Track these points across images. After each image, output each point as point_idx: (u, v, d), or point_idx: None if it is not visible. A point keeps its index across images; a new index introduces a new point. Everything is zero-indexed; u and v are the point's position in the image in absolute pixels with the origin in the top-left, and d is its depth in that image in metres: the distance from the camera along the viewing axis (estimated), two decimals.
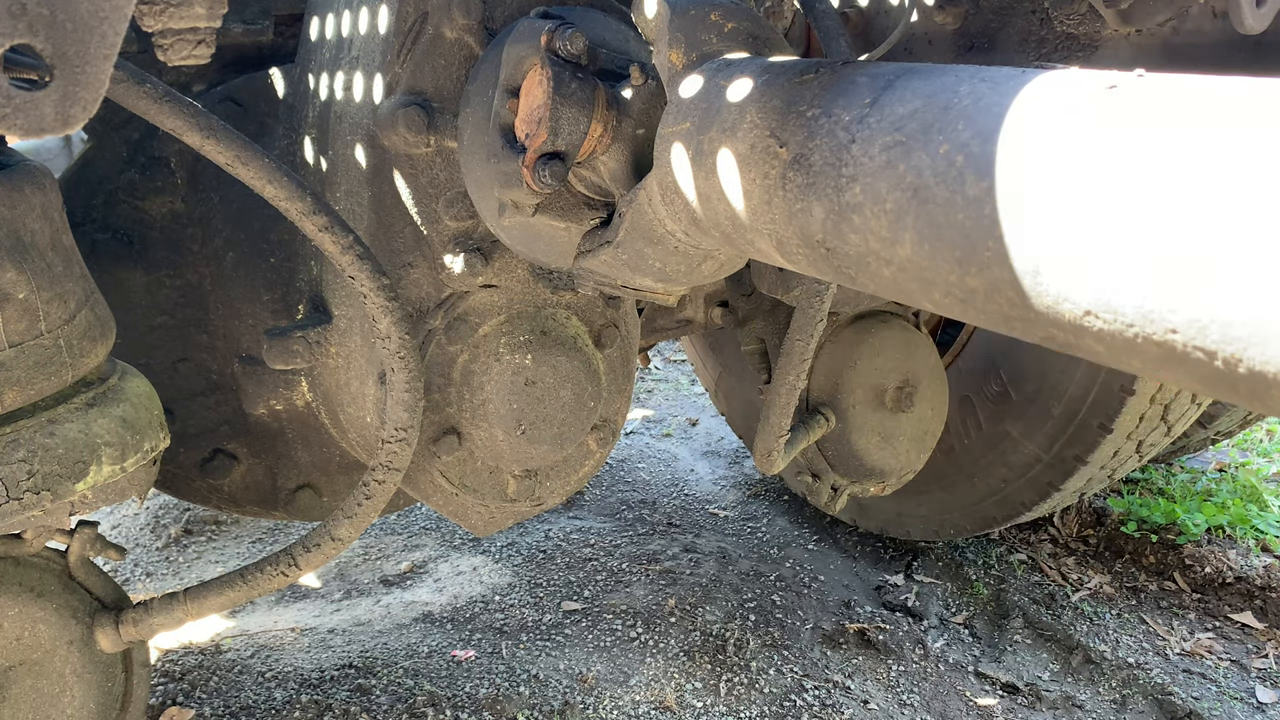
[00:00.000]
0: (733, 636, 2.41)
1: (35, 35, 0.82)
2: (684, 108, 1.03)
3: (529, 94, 1.21)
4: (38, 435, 1.18)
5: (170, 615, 1.44)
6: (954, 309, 0.78)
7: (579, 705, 2.14)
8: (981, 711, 2.29)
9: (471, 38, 1.38)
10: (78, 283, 1.25)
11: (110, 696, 1.44)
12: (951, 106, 0.76)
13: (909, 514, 2.84)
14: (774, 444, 1.81)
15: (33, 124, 0.84)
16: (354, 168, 1.47)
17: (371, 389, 1.52)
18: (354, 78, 1.46)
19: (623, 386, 1.74)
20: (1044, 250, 0.65)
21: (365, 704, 2.07)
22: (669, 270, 1.18)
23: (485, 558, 2.82)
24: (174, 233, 1.70)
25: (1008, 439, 2.44)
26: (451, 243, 1.47)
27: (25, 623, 1.34)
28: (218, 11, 1.11)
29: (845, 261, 0.86)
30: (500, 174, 1.25)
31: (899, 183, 0.77)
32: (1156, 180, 0.59)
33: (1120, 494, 3.18)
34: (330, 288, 1.59)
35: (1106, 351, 0.64)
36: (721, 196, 0.98)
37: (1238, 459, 3.52)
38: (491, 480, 1.65)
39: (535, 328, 1.57)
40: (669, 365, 4.82)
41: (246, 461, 1.81)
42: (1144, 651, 2.54)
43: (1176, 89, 0.63)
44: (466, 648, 2.34)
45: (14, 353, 1.15)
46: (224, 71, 1.73)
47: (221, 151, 1.19)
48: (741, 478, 3.47)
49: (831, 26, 1.44)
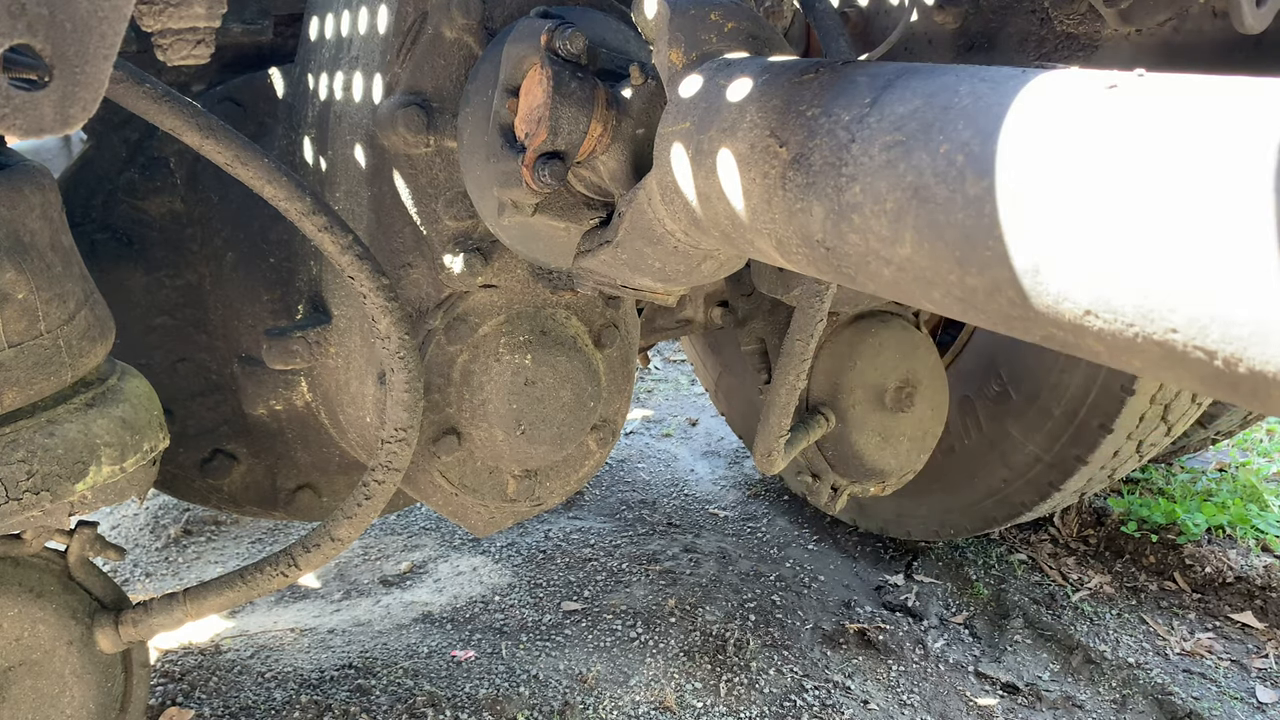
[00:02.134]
0: (733, 636, 2.41)
1: (35, 35, 0.82)
2: (684, 107, 1.03)
3: (529, 93, 1.21)
4: (37, 435, 1.18)
5: (170, 616, 1.43)
6: (954, 309, 0.78)
7: (579, 705, 2.14)
8: (981, 711, 2.29)
9: (471, 38, 1.38)
10: (77, 283, 1.25)
11: (110, 697, 1.44)
12: (951, 106, 0.76)
13: (909, 514, 2.84)
14: (774, 444, 1.81)
15: (32, 124, 0.84)
16: (353, 168, 1.47)
17: (371, 389, 1.52)
18: (353, 77, 1.46)
19: (623, 386, 1.74)
20: (1044, 250, 0.65)
21: (365, 704, 2.07)
22: (669, 270, 1.18)
23: (485, 558, 2.82)
24: (173, 233, 1.69)
25: (1008, 439, 2.44)
26: (451, 243, 1.47)
27: (25, 623, 1.34)
28: (217, 11, 1.11)
29: (845, 261, 0.86)
30: (500, 173, 1.25)
31: (899, 182, 0.77)
32: (1157, 180, 0.59)
33: (1120, 494, 3.18)
34: (330, 288, 1.59)
35: (1106, 351, 0.64)
36: (721, 196, 0.98)
37: (1238, 459, 3.52)
38: (491, 480, 1.65)
39: (535, 328, 1.57)
40: (669, 365, 4.82)
41: (246, 461, 1.81)
42: (1144, 651, 2.54)
43: (1176, 89, 0.63)
44: (466, 648, 2.34)
45: (14, 353, 1.14)
46: (224, 71, 1.73)
47: (221, 151, 1.19)
48: (741, 478, 3.47)
49: (831, 26, 1.44)
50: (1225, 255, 0.55)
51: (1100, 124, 0.64)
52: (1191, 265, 0.56)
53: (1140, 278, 0.59)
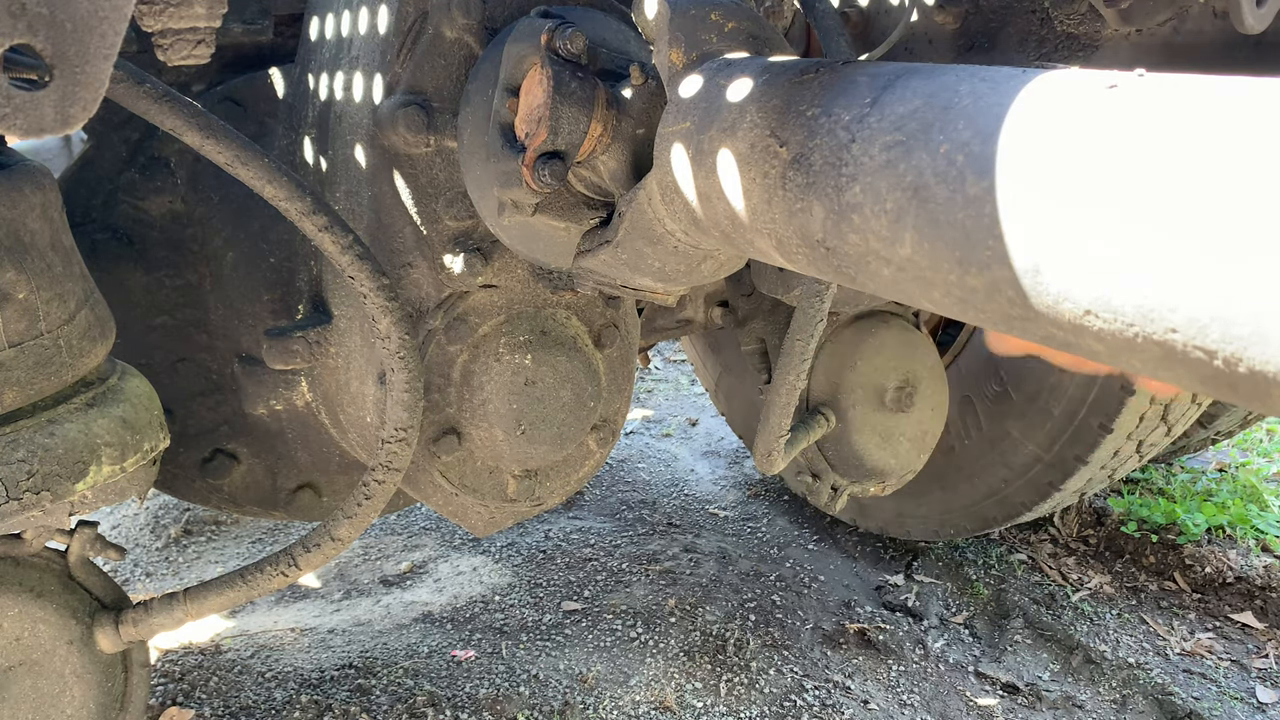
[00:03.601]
0: (733, 636, 2.41)
1: (35, 35, 0.82)
2: (684, 107, 1.03)
3: (529, 93, 1.21)
4: (37, 435, 1.18)
5: (170, 615, 1.44)
6: (954, 309, 0.78)
7: (579, 705, 2.14)
8: (981, 711, 2.29)
9: (471, 37, 1.38)
10: (77, 283, 1.25)
11: (110, 696, 1.44)
12: (951, 106, 0.76)
13: (909, 514, 2.84)
14: (774, 444, 1.81)
15: (33, 124, 0.84)
16: (354, 168, 1.47)
17: (371, 389, 1.52)
18: (354, 77, 1.46)
19: (623, 386, 1.74)
20: (1044, 250, 0.65)
21: (365, 704, 2.07)
22: (669, 270, 1.18)
23: (485, 558, 2.82)
24: (174, 233, 1.69)
25: (1008, 439, 2.44)
26: (451, 243, 1.47)
27: (25, 623, 1.34)
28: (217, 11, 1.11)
29: (845, 261, 0.86)
30: (500, 173, 1.25)
31: (899, 182, 0.77)
32: (1156, 179, 0.59)
33: (1120, 494, 3.18)
34: (330, 288, 1.59)
35: (1106, 351, 0.64)
36: (721, 196, 0.98)
37: (1238, 459, 3.52)
38: (491, 480, 1.65)
39: (535, 328, 1.57)
40: (669, 365, 4.82)
41: (246, 461, 1.81)
42: (1144, 651, 2.54)
43: (1176, 89, 0.63)
44: (466, 648, 2.34)
45: (14, 353, 1.15)
46: (224, 71, 1.73)
47: (221, 151, 1.19)
48: (741, 478, 3.47)
49: (831, 26, 1.44)
50: (1226, 255, 0.55)
51: (1100, 124, 0.64)
52: (1191, 265, 0.56)
53: (1140, 277, 0.59)
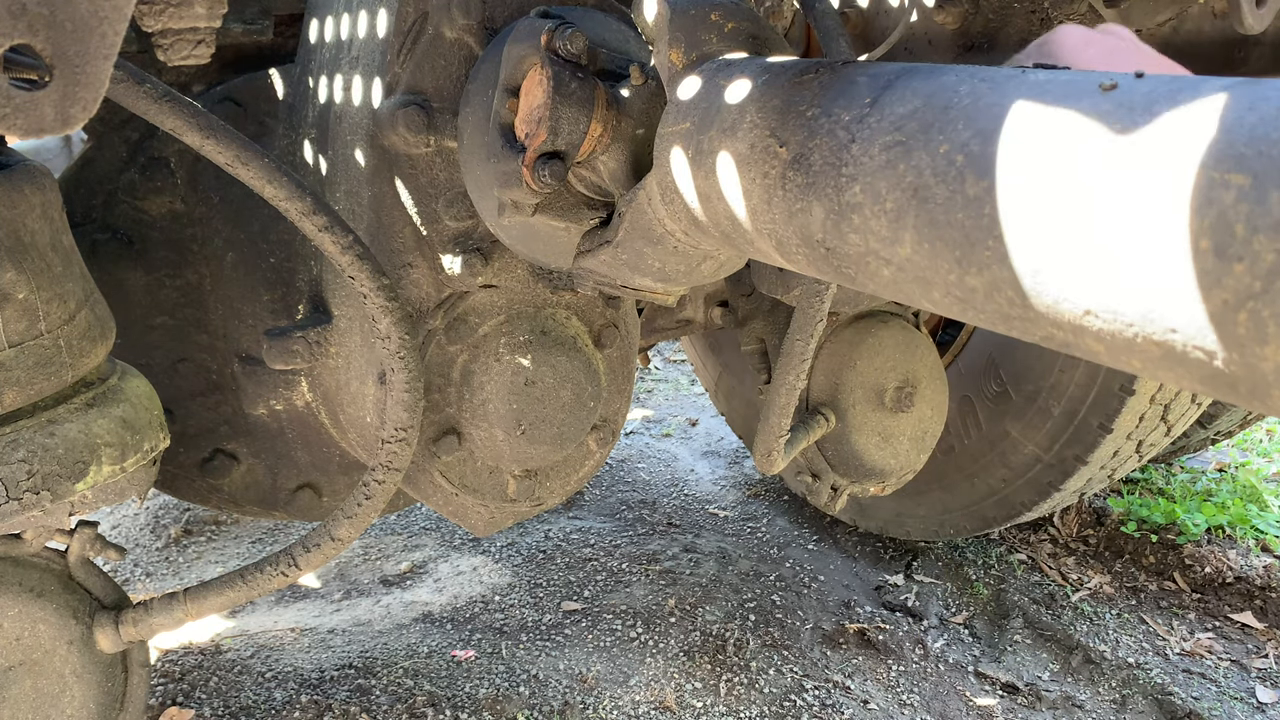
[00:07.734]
0: (733, 636, 2.41)
1: (35, 35, 0.82)
2: (684, 108, 1.03)
3: (529, 94, 1.21)
4: (37, 435, 1.18)
5: (170, 615, 1.44)
6: (954, 309, 0.78)
7: (579, 705, 2.14)
8: (981, 711, 2.29)
9: (471, 38, 1.38)
10: (77, 283, 1.25)
11: (110, 696, 1.44)
12: (951, 106, 0.76)
13: (909, 514, 2.84)
14: (774, 444, 1.81)
15: (33, 124, 0.84)
16: (354, 168, 1.47)
17: (371, 389, 1.52)
18: (354, 78, 1.46)
19: (623, 386, 1.74)
20: (1044, 250, 0.65)
21: (365, 704, 2.07)
22: (669, 270, 1.18)
23: (485, 558, 2.82)
24: (174, 233, 1.69)
25: (1008, 439, 2.44)
26: (451, 243, 1.47)
27: (25, 623, 1.34)
28: (217, 11, 1.11)
29: (845, 261, 0.86)
30: (500, 174, 1.25)
31: (899, 182, 0.77)
32: (1156, 179, 0.59)
33: (1120, 494, 3.18)
34: (330, 288, 1.59)
35: (1106, 351, 0.64)
36: (721, 196, 0.98)
37: (1238, 459, 3.52)
38: (491, 480, 1.65)
39: (535, 328, 1.57)
40: (669, 365, 4.82)
41: (246, 461, 1.81)
42: (1144, 651, 2.54)
43: (1176, 89, 0.63)
44: (466, 648, 2.34)
45: (14, 353, 1.15)
46: (224, 71, 1.73)
47: (221, 151, 1.19)
48: (741, 478, 3.47)
49: (831, 26, 1.44)
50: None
51: (1100, 124, 0.64)
52: (1192, 265, 0.56)
53: (1140, 278, 0.59)
